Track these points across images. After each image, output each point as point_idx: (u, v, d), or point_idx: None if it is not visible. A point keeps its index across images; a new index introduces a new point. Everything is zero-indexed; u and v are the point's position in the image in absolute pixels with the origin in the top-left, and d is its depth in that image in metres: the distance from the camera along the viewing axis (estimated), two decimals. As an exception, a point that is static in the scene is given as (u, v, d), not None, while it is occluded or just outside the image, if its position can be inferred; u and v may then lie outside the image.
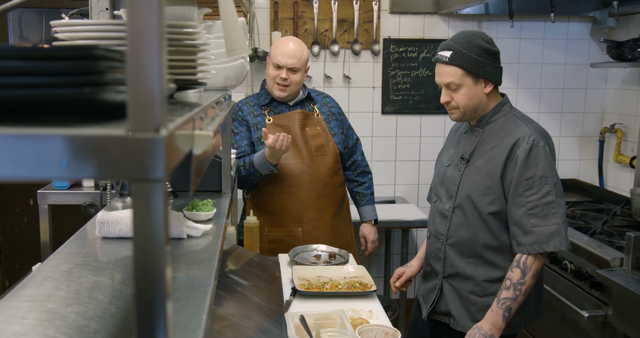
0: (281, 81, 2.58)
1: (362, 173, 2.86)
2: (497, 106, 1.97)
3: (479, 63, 1.88)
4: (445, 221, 2.03)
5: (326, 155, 2.65)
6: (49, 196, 2.79)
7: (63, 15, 2.01)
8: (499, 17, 3.71)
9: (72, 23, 1.11)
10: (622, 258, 2.31)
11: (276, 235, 2.65)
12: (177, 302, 1.06)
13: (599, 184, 3.79)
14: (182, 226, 1.47)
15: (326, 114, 2.74)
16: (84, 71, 0.61)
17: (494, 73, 1.92)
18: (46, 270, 1.20)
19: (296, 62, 2.58)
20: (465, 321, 2.00)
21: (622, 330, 2.22)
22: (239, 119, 2.72)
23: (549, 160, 1.86)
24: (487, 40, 1.91)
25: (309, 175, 2.60)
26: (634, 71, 3.55)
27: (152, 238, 0.57)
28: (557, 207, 1.84)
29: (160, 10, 0.55)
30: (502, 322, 1.85)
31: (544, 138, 1.89)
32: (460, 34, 1.94)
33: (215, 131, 0.94)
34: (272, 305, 1.91)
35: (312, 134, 2.66)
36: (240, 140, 2.68)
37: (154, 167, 0.56)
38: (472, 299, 1.98)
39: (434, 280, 2.09)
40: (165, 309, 0.59)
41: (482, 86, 1.92)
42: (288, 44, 2.61)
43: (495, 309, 1.86)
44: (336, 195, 2.69)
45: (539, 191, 1.84)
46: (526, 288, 1.85)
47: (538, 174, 1.84)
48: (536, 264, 1.86)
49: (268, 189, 2.62)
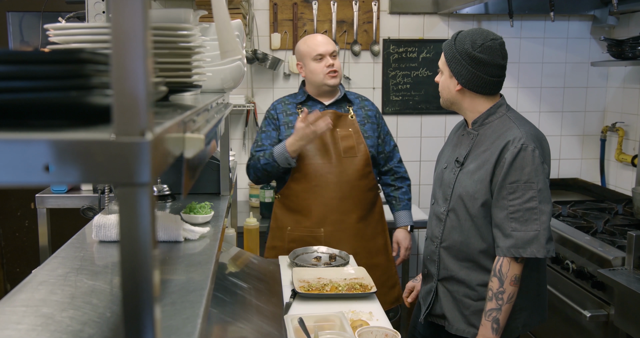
0: (330, 68, 2.62)
1: (400, 178, 2.82)
2: (492, 107, 1.96)
3: (454, 58, 1.93)
4: (440, 224, 2.03)
5: (355, 157, 2.63)
6: (47, 200, 2.79)
7: (60, 19, 2.01)
8: (498, 17, 3.70)
9: (66, 26, 1.11)
10: (624, 258, 2.29)
11: (297, 235, 2.62)
12: (172, 305, 1.06)
13: (601, 183, 3.77)
14: (179, 229, 1.47)
15: (362, 117, 2.72)
16: (69, 75, 0.61)
17: (464, 75, 1.92)
18: (42, 274, 1.20)
19: (333, 46, 2.66)
20: (459, 324, 1.99)
21: (624, 329, 2.21)
22: (270, 117, 2.72)
23: (536, 165, 1.83)
24: (477, 44, 1.88)
25: (335, 176, 2.58)
26: (634, 69, 3.53)
27: (138, 242, 0.57)
28: (539, 213, 1.82)
29: (145, 14, 0.55)
30: (493, 334, 1.85)
31: (536, 141, 1.87)
32: (473, 29, 1.97)
33: (208, 134, 0.93)
34: (272, 307, 1.90)
35: (342, 136, 2.64)
36: (265, 139, 2.69)
37: (139, 171, 0.55)
38: (466, 302, 1.97)
39: (430, 282, 2.08)
40: (153, 313, 0.58)
41: (454, 82, 1.96)
42: (316, 37, 2.68)
43: (484, 322, 1.87)
44: (364, 199, 2.65)
45: (522, 195, 1.82)
46: (508, 296, 1.84)
47: (523, 179, 1.82)
48: (512, 270, 1.84)
49: (294, 188, 2.62)
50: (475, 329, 1.95)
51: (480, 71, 1.90)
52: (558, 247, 2.64)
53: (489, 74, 1.91)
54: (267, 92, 3.63)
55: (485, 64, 1.89)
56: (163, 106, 0.99)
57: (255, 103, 3.59)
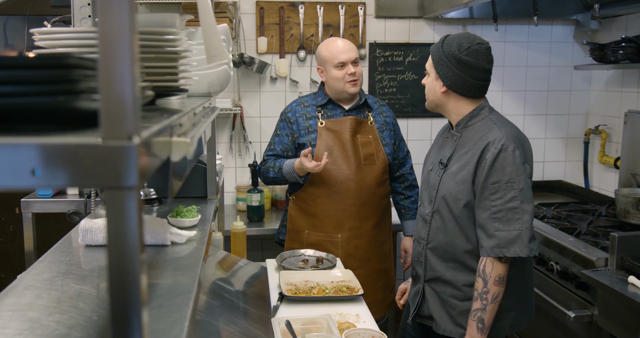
0: (352, 77, 2.61)
1: (409, 186, 2.83)
2: (475, 110, 1.99)
3: (441, 61, 1.96)
4: (425, 225, 2.05)
5: (374, 164, 2.63)
6: (32, 204, 2.77)
7: (45, 23, 2.01)
8: (483, 21, 3.74)
9: (52, 31, 1.11)
10: (607, 258, 2.32)
11: (315, 239, 2.63)
12: (159, 308, 1.06)
13: (585, 185, 3.82)
14: (166, 233, 1.47)
15: (380, 123, 2.72)
16: (57, 80, 0.61)
17: (449, 77, 1.94)
18: (28, 279, 1.20)
19: (355, 53, 2.65)
20: (446, 324, 2.01)
21: (607, 329, 2.24)
22: (287, 120, 2.71)
23: (517, 165, 1.85)
24: (464, 48, 1.91)
25: (355, 183, 2.58)
26: (616, 73, 3.58)
27: (126, 246, 0.57)
28: (521, 213, 1.84)
29: (132, 19, 0.56)
30: (478, 333, 1.86)
31: (517, 141, 1.89)
32: (460, 33, 1.99)
33: (195, 138, 0.94)
34: (259, 311, 1.91)
35: (362, 142, 2.64)
36: (278, 143, 2.69)
37: (126, 174, 0.56)
38: (453, 303, 1.99)
39: (418, 283, 2.10)
40: (141, 317, 0.59)
41: (440, 84, 1.98)
42: (337, 42, 2.66)
43: (470, 322, 1.89)
44: (380, 206, 2.67)
45: (504, 195, 1.84)
46: (493, 296, 1.86)
47: (504, 179, 1.84)
48: (496, 270, 1.86)
49: (312, 192, 2.62)
50: (463, 329, 1.97)
51: (465, 74, 1.93)
52: (543, 249, 2.67)
53: (473, 77, 1.93)
54: (253, 96, 3.64)
55: (471, 67, 1.92)
56: (150, 110, 0.99)
57: (242, 107, 3.60)
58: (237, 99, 3.62)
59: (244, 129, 3.63)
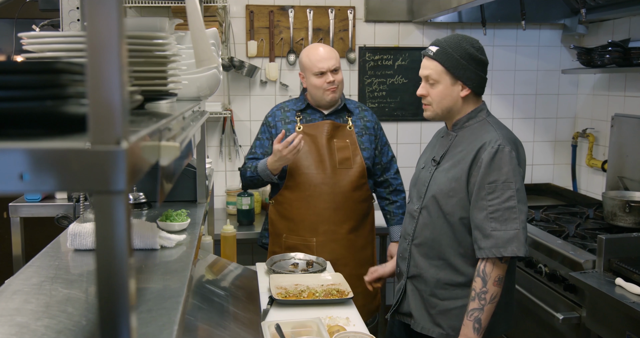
0: (330, 86, 2.61)
1: (394, 191, 2.83)
2: (473, 111, 1.99)
3: (460, 65, 1.91)
4: (412, 221, 2.05)
5: (351, 169, 2.63)
6: (21, 209, 2.75)
7: (34, 27, 2.00)
8: (472, 25, 3.77)
9: (41, 35, 1.11)
10: (594, 261, 2.34)
11: (292, 243, 2.64)
12: (148, 312, 1.06)
13: (573, 188, 3.85)
14: (155, 237, 1.47)
15: (360, 128, 2.73)
16: (45, 85, 0.61)
17: (474, 79, 1.94)
18: (16, 283, 1.19)
19: (335, 62, 2.63)
20: (425, 323, 2.01)
21: (595, 331, 2.25)
22: (267, 124, 2.73)
23: (513, 166, 1.86)
24: (476, 47, 1.93)
25: (329, 187, 2.59)
26: (603, 77, 3.62)
27: (114, 250, 0.57)
28: (518, 213, 1.84)
29: (120, 23, 0.56)
30: (474, 334, 1.86)
31: (512, 144, 1.90)
32: (452, 35, 1.98)
33: (183, 142, 0.94)
34: (249, 314, 1.91)
35: (339, 146, 2.65)
36: (258, 147, 2.71)
37: (115, 179, 0.56)
38: (433, 302, 2.00)
39: (401, 280, 2.11)
40: (129, 322, 0.59)
41: (458, 89, 1.94)
42: (318, 49, 2.65)
43: (466, 322, 1.88)
44: (357, 210, 2.66)
45: (501, 195, 1.84)
46: (491, 296, 1.86)
47: (501, 179, 1.85)
48: (496, 270, 1.86)
49: (288, 196, 2.63)
50: (441, 329, 1.98)
51: (483, 72, 1.96)
52: (531, 251, 2.69)
53: (485, 73, 1.97)
54: (243, 100, 3.64)
55: (485, 65, 1.96)
56: (138, 114, 0.99)
57: (232, 110, 3.60)
58: (227, 102, 3.62)
59: (234, 132, 3.63)
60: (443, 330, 1.98)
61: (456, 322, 1.96)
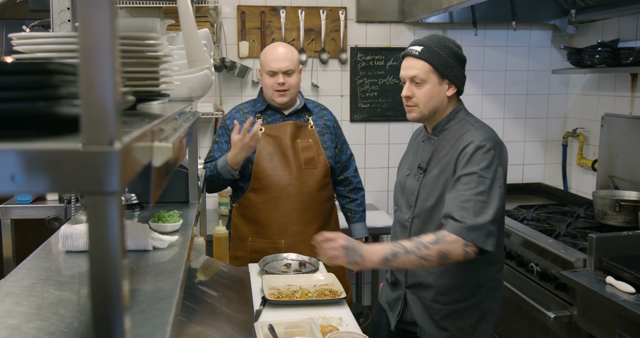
0: (280, 87, 2.58)
1: (354, 189, 2.83)
2: (452, 113, 1.98)
3: (447, 63, 1.90)
4: (405, 231, 2.03)
5: (315, 168, 2.62)
6: (11, 210, 2.74)
7: (24, 27, 1.99)
8: (463, 26, 3.78)
9: (32, 36, 1.10)
10: (585, 259, 2.36)
11: (259, 246, 2.62)
12: (141, 314, 1.06)
13: (563, 187, 3.87)
14: (147, 238, 1.46)
15: (321, 127, 2.72)
16: (37, 85, 0.61)
17: (459, 77, 1.94)
18: (7, 285, 1.18)
19: (289, 64, 2.58)
20: (431, 329, 2.00)
21: (586, 329, 2.27)
22: (225, 128, 2.69)
23: (492, 164, 1.83)
24: (457, 46, 1.95)
25: (296, 188, 2.57)
26: (593, 77, 3.65)
27: (107, 251, 0.57)
28: (488, 208, 1.79)
29: (112, 24, 0.56)
30: (380, 259, 1.75)
31: (494, 143, 1.88)
32: (433, 35, 1.98)
33: (176, 142, 0.94)
34: (242, 315, 1.90)
35: (303, 147, 2.63)
36: (217, 150, 2.67)
37: (108, 180, 0.56)
38: (436, 307, 1.98)
39: (399, 290, 2.09)
40: (123, 323, 0.59)
41: (445, 88, 1.93)
42: (277, 49, 2.62)
43: (386, 245, 1.77)
44: (323, 209, 2.66)
45: (474, 187, 1.81)
46: (425, 255, 1.73)
47: (478, 173, 1.82)
48: (453, 248, 1.75)
49: (254, 199, 2.60)
50: (447, 332, 1.97)
51: (464, 70, 1.96)
52: (522, 250, 2.70)
53: (464, 71, 1.98)
54: (235, 100, 3.63)
55: (465, 61, 1.96)
56: (131, 115, 0.99)
57: (224, 111, 3.59)
58: (219, 103, 3.61)
59: (225, 133, 3.62)
60: (450, 332, 1.97)
61: (461, 322, 1.96)
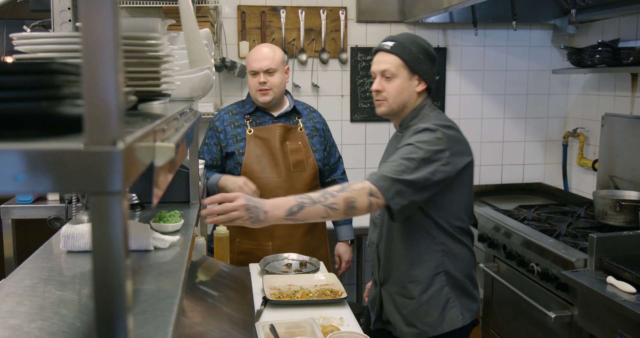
0: (261, 86, 2.58)
1: None
2: (416, 109, 2.00)
3: (417, 59, 1.93)
4: (375, 229, 2.07)
5: (304, 171, 2.63)
6: (12, 210, 2.74)
7: (25, 27, 1.99)
8: (463, 25, 3.78)
9: (33, 36, 1.10)
10: (586, 259, 2.36)
11: (246, 247, 2.63)
12: (143, 314, 1.06)
13: (564, 187, 3.87)
14: (148, 238, 1.46)
15: (310, 129, 2.71)
16: (40, 86, 0.61)
17: (429, 74, 1.97)
18: (9, 286, 1.18)
19: (270, 63, 2.57)
20: (401, 326, 2.02)
21: (587, 329, 2.27)
22: (214, 129, 2.69)
23: (433, 143, 1.82)
24: (428, 44, 1.98)
25: (285, 190, 2.57)
26: (593, 77, 3.64)
27: (111, 251, 0.57)
28: (410, 172, 1.77)
29: (115, 23, 0.56)
30: (284, 213, 1.71)
31: (445, 129, 1.87)
32: (405, 33, 2.02)
33: (178, 143, 0.94)
34: (243, 315, 1.90)
35: (292, 149, 2.63)
36: (207, 153, 2.68)
37: (111, 180, 0.56)
38: (402, 302, 2.01)
39: (376, 288, 2.13)
40: (126, 323, 0.59)
41: (415, 83, 1.96)
42: (260, 49, 2.63)
43: (291, 198, 1.74)
44: None
45: (406, 154, 1.82)
46: (332, 203, 1.71)
47: (414, 144, 1.83)
48: (358, 196, 1.73)
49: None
50: (416, 329, 1.98)
51: (435, 69, 1.99)
52: (523, 250, 2.70)
53: (435, 69, 2.00)
54: (235, 100, 3.61)
55: (435, 60, 1.98)
56: (133, 115, 0.99)
57: (224, 111, 3.59)
58: (219, 103, 3.61)
59: (226, 133, 3.62)
60: (418, 328, 1.99)
61: (428, 317, 1.97)
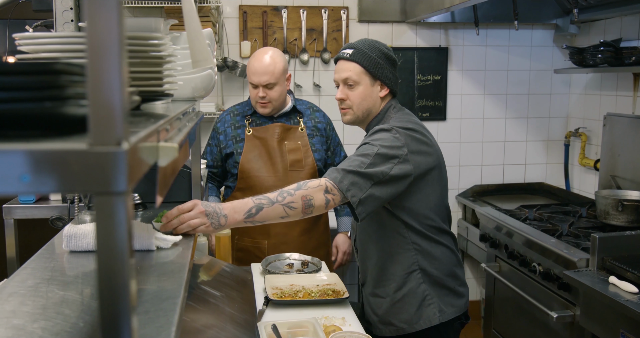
0: (260, 100, 2.58)
1: None
2: (380, 114, 2.00)
3: (377, 64, 1.94)
4: (354, 232, 2.13)
5: (302, 171, 2.62)
6: (14, 210, 2.74)
7: (27, 27, 1.99)
8: (465, 25, 3.78)
9: (36, 36, 1.10)
10: (588, 259, 2.36)
11: (243, 245, 2.66)
12: (145, 314, 1.06)
13: (565, 187, 3.87)
14: (151, 238, 1.46)
15: (311, 129, 2.71)
16: (44, 86, 0.61)
17: (391, 78, 1.97)
18: (11, 285, 1.18)
19: (269, 77, 2.54)
20: (378, 324, 2.05)
21: (589, 329, 2.27)
22: (215, 130, 2.71)
23: (388, 143, 1.82)
24: (387, 48, 1.99)
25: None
26: (595, 76, 3.64)
27: (115, 251, 0.57)
28: (364, 166, 1.78)
29: (120, 23, 0.56)
30: (244, 216, 1.70)
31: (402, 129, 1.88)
32: (364, 39, 2.03)
33: (181, 143, 0.94)
34: (245, 315, 1.90)
35: (290, 149, 2.63)
36: (209, 153, 2.71)
37: (116, 180, 0.56)
38: (377, 302, 2.04)
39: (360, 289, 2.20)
40: (131, 323, 0.59)
41: (377, 89, 1.97)
42: (260, 60, 2.56)
43: (248, 200, 1.74)
44: None
45: (361, 151, 1.84)
46: (289, 202, 1.71)
47: (369, 143, 1.85)
48: (315, 193, 1.73)
49: (240, 198, 2.60)
50: (392, 326, 2.00)
51: (396, 71, 1.99)
52: (525, 250, 2.70)
53: (396, 72, 2.01)
54: (237, 100, 3.62)
55: (396, 63, 1.99)
56: (136, 115, 0.99)
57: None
58: (221, 103, 3.62)
59: (227, 133, 3.62)
60: (394, 326, 2.01)
61: (404, 314, 1.99)
